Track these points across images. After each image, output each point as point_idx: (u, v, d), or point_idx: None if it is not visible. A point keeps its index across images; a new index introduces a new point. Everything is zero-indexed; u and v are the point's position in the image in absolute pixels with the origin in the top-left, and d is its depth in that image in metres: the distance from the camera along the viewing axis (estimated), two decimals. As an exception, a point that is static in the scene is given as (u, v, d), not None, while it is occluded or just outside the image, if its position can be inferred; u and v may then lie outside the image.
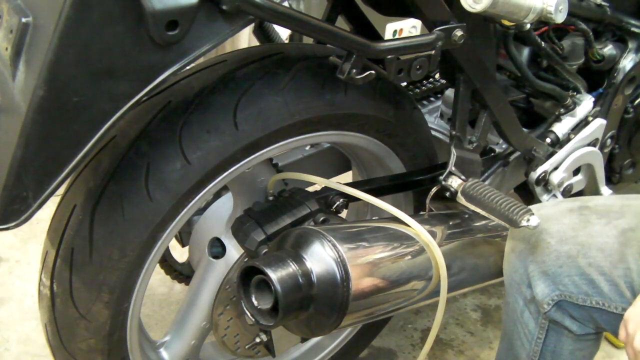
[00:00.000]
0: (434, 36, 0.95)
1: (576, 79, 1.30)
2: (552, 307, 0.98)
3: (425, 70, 0.98)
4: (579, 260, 0.94)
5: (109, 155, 0.88)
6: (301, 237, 0.79)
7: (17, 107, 0.69)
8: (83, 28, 0.66)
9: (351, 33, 0.88)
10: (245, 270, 0.77)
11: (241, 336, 1.17)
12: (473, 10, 0.89)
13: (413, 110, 1.12)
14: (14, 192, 0.70)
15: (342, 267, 0.76)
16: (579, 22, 1.25)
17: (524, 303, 1.01)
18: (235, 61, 0.93)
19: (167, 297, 1.69)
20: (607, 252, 0.93)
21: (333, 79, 0.90)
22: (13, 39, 0.70)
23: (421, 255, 0.89)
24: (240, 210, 1.03)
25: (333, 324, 0.78)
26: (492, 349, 1.61)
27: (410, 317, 1.69)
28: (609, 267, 0.92)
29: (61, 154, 0.71)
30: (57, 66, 0.66)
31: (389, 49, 0.91)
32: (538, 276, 0.97)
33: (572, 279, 0.95)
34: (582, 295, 0.95)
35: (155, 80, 0.72)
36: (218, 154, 0.89)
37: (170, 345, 1.16)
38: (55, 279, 0.92)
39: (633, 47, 1.34)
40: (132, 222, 0.87)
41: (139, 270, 0.92)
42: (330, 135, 1.03)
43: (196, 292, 1.14)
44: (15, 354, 1.50)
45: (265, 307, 0.76)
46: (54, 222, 0.93)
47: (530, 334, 1.02)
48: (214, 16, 0.73)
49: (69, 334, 0.95)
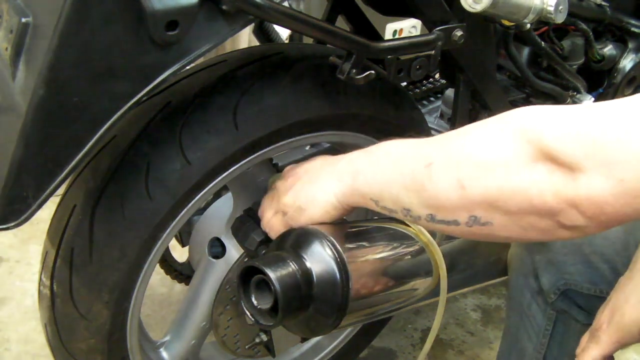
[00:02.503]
0: (434, 36, 0.95)
1: (576, 79, 1.30)
2: (559, 297, 0.98)
3: (425, 70, 0.98)
4: (584, 248, 0.94)
5: (109, 155, 0.88)
6: (301, 237, 0.79)
7: (17, 107, 0.69)
8: (83, 28, 0.66)
9: (351, 33, 0.88)
10: (244, 270, 0.77)
11: (241, 336, 1.17)
12: (473, 10, 0.89)
13: (413, 110, 1.12)
14: (14, 192, 0.70)
15: (342, 267, 0.76)
16: (579, 22, 1.25)
17: (531, 295, 1.01)
18: (235, 61, 0.93)
19: (167, 297, 1.69)
20: (611, 240, 0.93)
21: (333, 79, 0.90)
22: (13, 39, 0.70)
23: (421, 255, 0.89)
24: (240, 210, 1.03)
25: (333, 324, 0.78)
26: (492, 349, 1.61)
27: (410, 317, 1.69)
28: (612, 255, 0.92)
29: (61, 154, 0.71)
30: (57, 66, 0.66)
31: (388, 48, 0.91)
32: (544, 266, 0.97)
33: (577, 267, 0.95)
34: (587, 283, 0.95)
35: (155, 80, 0.72)
36: (218, 154, 0.89)
37: (170, 345, 1.16)
38: (55, 279, 0.92)
39: (633, 47, 1.34)
40: (132, 222, 0.87)
41: (139, 270, 0.92)
42: (330, 135, 1.03)
43: (196, 292, 1.14)
44: (15, 353, 1.50)
45: (265, 307, 0.76)
46: (54, 222, 0.93)
47: (538, 326, 1.02)
48: (214, 16, 0.73)
49: (69, 334, 0.95)
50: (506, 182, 0.62)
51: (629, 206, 0.56)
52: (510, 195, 0.62)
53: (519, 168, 0.61)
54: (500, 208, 0.63)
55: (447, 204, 0.67)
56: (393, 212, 0.74)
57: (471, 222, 0.66)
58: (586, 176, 0.57)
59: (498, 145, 0.63)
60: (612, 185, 0.56)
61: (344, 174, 0.79)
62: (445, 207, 0.67)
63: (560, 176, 0.59)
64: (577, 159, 0.57)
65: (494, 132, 0.65)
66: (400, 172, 0.71)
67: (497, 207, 0.63)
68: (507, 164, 0.62)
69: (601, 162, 0.56)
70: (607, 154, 0.56)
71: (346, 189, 0.78)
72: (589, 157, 0.57)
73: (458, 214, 0.67)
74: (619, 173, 0.55)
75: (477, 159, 0.64)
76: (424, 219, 0.70)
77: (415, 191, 0.69)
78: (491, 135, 0.65)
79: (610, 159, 0.56)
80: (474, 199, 0.64)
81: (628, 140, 0.55)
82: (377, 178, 0.75)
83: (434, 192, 0.67)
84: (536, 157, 0.60)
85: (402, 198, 0.71)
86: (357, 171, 0.77)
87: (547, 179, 0.59)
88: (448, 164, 0.66)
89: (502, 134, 0.64)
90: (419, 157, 0.70)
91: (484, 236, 0.68)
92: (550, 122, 0.61)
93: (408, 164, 0.71)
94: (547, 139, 0.60)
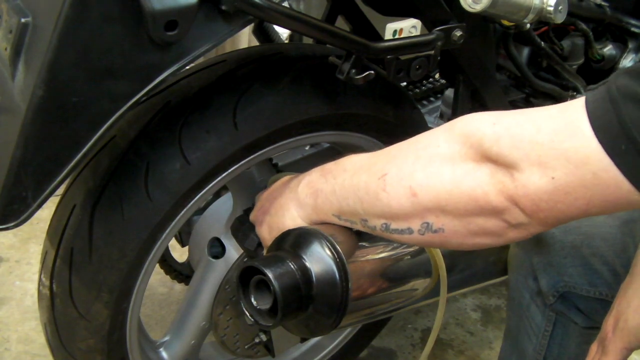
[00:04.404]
0: (434, 36, 0.95)
1: (576, 79, 1.30)
2: (558, 299, 0.98)
3: (425, 70, 0.97)
4: (583, 250, 0.94)
5: (109, 155, 0.88)
6: (300, 237, 0.79)
7: (16, 107, 0.69)
8: (82, 28, 0.66)
9: (351, 33, 0.88)
10: (244, 270, 0.77)
11: (241, 336, 1.17)
12: (473, 10, 0.89)
13: (413, 110, 1.12)
14: (14, 192, 0.70)
15: (341, 267, 0.76)
16: (579, 22, 1.25)
17: (530, 296, 1.01)
18: (235, 61, 0.93)
19: (167, 297, 1.69)
20: (610, 242, 0.93)
21: (332, 79, 0.90)
22: (12, 39, 0.70)
23: (421, 255, 0.89)
24: (240, 210, 1.03)
25: (332, 324, 0.78)
26: (492, 349, 1.61)
27: (410, 317, 1.69)
28: (612, 257, 0.93)
29: (60, 154, 0.71)
30: (57, 66, 0.66)
31: (388, 48, 0.91)
32: (543, 268, 0.98)
33: (576, 269, 0.95)
34: (587, 285, 0.95)
35: (154, 80, 0.72)
36: (218, 154, 0.89)
37: (170, 345, 1.16)
38: (54, 279, 0.92)
39: (633, 47, 1.34)
40: (131, 222, 0.87)
41: (139, 270, 0.92)
42: (330, 135, 1.03)
43: (196, 292, 1.14)
44: (15, 353, 1.50)
45: (264, 307, 0.75)
46: (54, 222, 0.93)
47: (537, 327, 1.02)
48: (213, 16, 0.73)
49: (69, 334, 0.95)
50: (454, 186, 0.66)
51: (562, 203, 0.60)
52: (458, 198, 0.65)
53: (464, 171, 0.65)
54: (450, 212, 0.67)
55: (400, 212, 0.70)
56: (354, 224, 0.78)
57: (423, 230, 0.69)
58: (523, 175, 0.61)
59: (444, 151, 0.67)
60: (545, 182, 0.60)
61: (305, 197, 0.83)
62: (398, 216, 0.71)
63: (501, 176, 0.63)
64: (514, 159, 0.61)
65: (441, 139, 0.69)
66: (355, 185, 0.75)
67: (447, 212, 0.67)
68: (454, 168, 0.66)
69: (535, 162, 0.60)
70: (539, 154, 0.60)
71: (310, 210, 0.82)
72: (524, 157, 0.61)
73: (411, 221, 0.70)
74: (550, 171, 0.59)
75: (427, 167, 0.68)
76: (379, 228, 0.74)
77: (370, 202, 0.73)
78: (438, 143, 0.69)
79: (542, 159, 0.60)
80: (425, 204, 0.68)
81: (558, 141, 0.59)
82: (335, 194, 0.78)
83: (387, 201, 0.71)
84: (479, 160, 0.65)
85: (358, 210, 0.75)
86: (316, 192, 0.81)
87: (489, 180, 0.63)
88: (401, 174, 0.70)
89: (448, 141, 0.68)
90: (374, 169, 0.73)
91: (437, 244, 0.71)
92: (490, 126, 0.64)
93: (362, 177, 0.74)
94: (487, 142, 0.64)
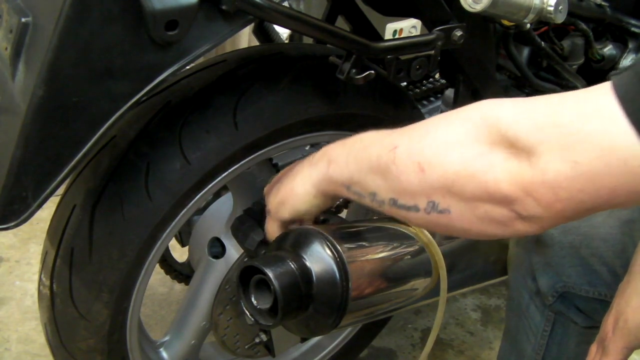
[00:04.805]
0: (434, 36, 0.95)
1: (576, 79, 1.30)
2: (557, 299, 0.98)
3: (425, 70, 0.98)
4: (582, 250, 0.94)
5: (109, 155, 0.88)
6: (300, 237, 0.79)
7: (16, 107, 0.69)
8: (83, 28, 0.66)
9: (351, 33, 0.88)
10: (244, 270, 0.77)
11: (241, 336, 1.17)
12: (473, 10, 0.89)
13: (413, 110, 1.12)
14: (14, 192, 0.71)
15: (342, 266, 0.76)
16: (579, 22, 1.25)
17: (529, 296, 1.01)
18: (235, 61, 0.93)
19: (167, 297, 1.69)
20: (609, 243, 0.93)
21: (333, 79, 0.90)
22: (13, 38, 0.70)
23: (421, 255, 0.89)
24: (240, 210, 1.03)
25: (332, 324, 0.78)
26: (492, 349, 1.61)
27: (410, 317, 1.69)
28: (611, 257, 0.92)
29: (61, 154, 0.71)
30: (57, 66, 0.66)
31: (388, 48, 0.91)
32: (542, 268, 0.97)
33: (575, 269, 0.95)
34: (586, 286, 0.95)
35: (154, 80, 0.72)
36: (218, 153, 0.89)
37: (170, 345, 1.16)
38: (55, 279, 0.92)
39: (633, 47, 1.34)
40: (132, 222, 0.87)
41: (139, 270, 0.92)
42: (330, 135, 1.03)
43: (196, 292, 1.14)
44: (15, 353, 1.50)
45: (265, 307, 0.76)
46: (54, 222, 0.93)
47: (536, 327, 1.02)
48: (213, 16, 0.73)
49: (69, 334, 0.95)
50: (463, 166, 0.63)
51: (583, 192, 0.56)
52: (466, 180, 0.62)
53: (476, 153, 0.62)
54: (457, 194, 0.64)
55: (408, 187, 0.68)
56: (362, 197, 0.76)
57: (429, 209, 0.67)
58: (541, 160, 0.57)
59: (458, 130, 0.64)
60: (566, 168, 0.55)
61: (318, 163, 0.81)
62: (406, 191, 0.68)
63: (517, 162, 0.59)
64: (533, 143, 0.57)
65: (456, 119, 0.66)
66: (368, 156, 0.73)
67: (454, 193, 0.64)
68: (465, 148, 0.63)
69: (556, 146, 0.56)
70: (561, 137, 0.56)
71: (321, 176, 0.80)
72: (544, 141, 0.57)
73: (418, 198, 0.67)
74: (573, 155, 0.55)
75: (437, 144, 0.66)
76: (387, 203, 0.72)
77: (381, 174, 0.71)
78: (453, 122, 0.66)
79: (564, 142, 0.56)
80: (432, 182, 0.65)
81: (581, 122, 0.55)
82: (348, 164, 0.76)
83: (397, 175, 0.68)
84: (494, 143, 0.61)
85: (369, 182, 0.73)
86: (330, 159, 0.79)
87: (503, 165, 0.60)
88: (411, 148, 0.68)
89: (463, 121, 0.65)
90: (386, 142, 0.71)
91: (442, 226, 0.68)
92: (509, 109, 0.61)
93: (375, 148, 0.72)
94: (505, 124, 0.60)
